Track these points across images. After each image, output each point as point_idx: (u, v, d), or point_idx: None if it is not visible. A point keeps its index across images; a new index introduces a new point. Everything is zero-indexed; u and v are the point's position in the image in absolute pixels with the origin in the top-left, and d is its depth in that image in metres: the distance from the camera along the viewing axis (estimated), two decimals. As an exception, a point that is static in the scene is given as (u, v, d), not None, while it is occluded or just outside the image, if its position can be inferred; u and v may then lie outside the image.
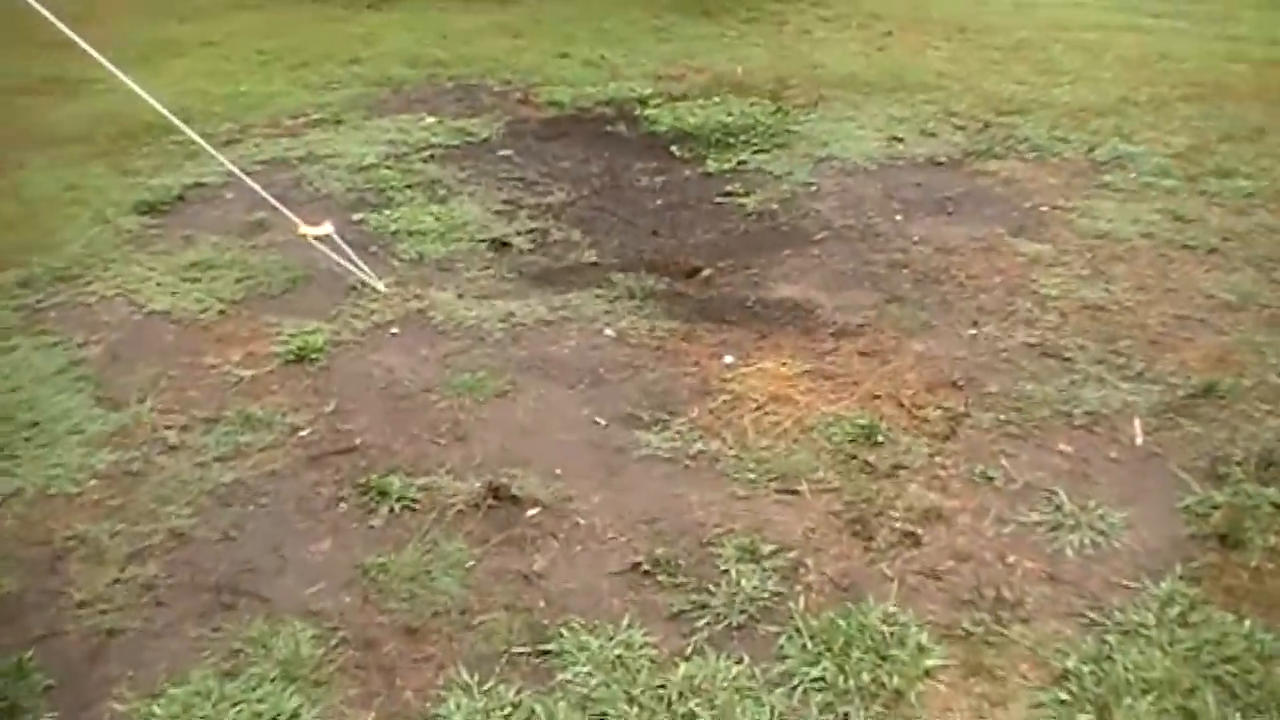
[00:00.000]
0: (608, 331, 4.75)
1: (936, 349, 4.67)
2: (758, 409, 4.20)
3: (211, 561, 3.53)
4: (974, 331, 4.83)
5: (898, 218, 6.07)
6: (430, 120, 7.46)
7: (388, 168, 6.62)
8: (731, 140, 7.16)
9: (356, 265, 4.96)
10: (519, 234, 5.87)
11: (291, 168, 6.69)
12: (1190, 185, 6.54)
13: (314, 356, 4.54)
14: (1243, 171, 6.67)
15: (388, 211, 6.03)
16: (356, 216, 5.97)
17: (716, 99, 7.89)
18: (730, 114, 7.55)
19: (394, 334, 4.74)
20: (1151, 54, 9.25)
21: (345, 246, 4.98)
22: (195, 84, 8.38)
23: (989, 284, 5.26)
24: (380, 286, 5.00)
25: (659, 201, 6.42)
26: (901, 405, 4.26)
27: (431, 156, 6.86)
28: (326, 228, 4.90)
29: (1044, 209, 6.18)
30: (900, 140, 7.22)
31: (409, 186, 6.40)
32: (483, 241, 5.75)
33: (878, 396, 4.32)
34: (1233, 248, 5.72)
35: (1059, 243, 5.71)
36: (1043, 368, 4.53)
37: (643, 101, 7.88)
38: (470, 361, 4.52)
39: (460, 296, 5.06)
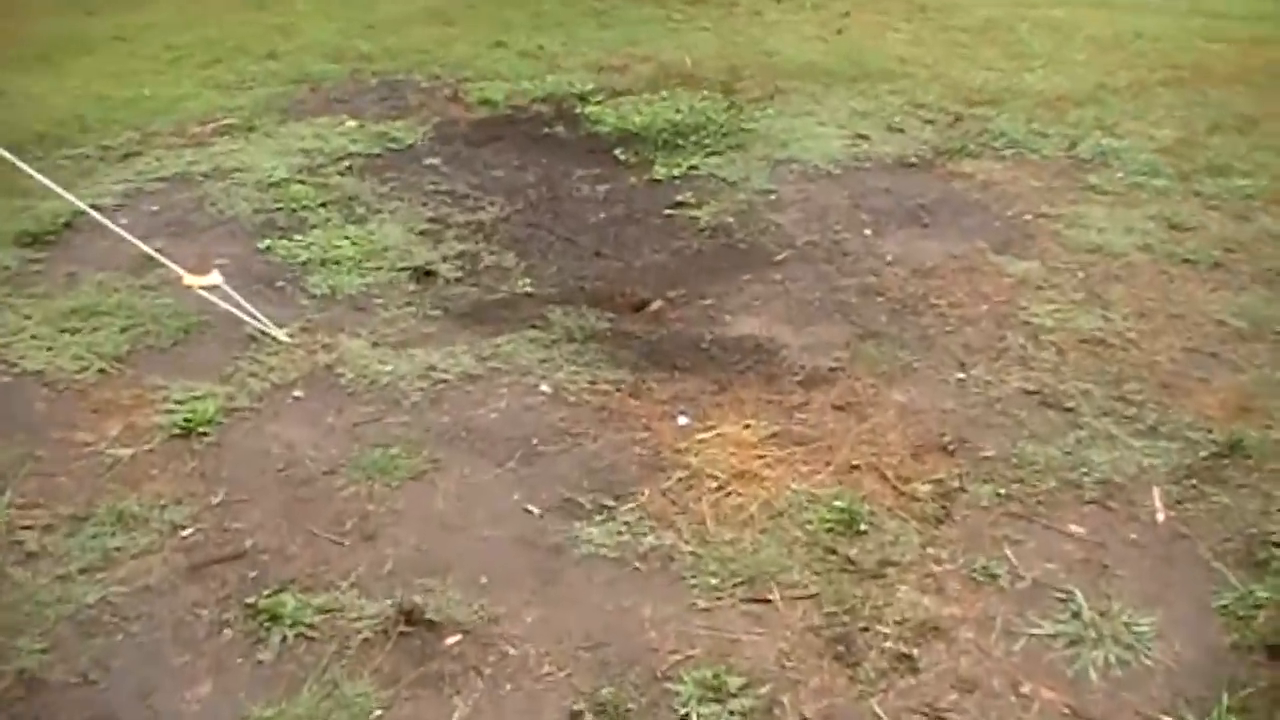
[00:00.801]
0: (544, 387, 4.11)
1: (920, 399, 4.07)
2: (718, 488, 3.59)
3: (66, 715, 2.86)
4: (962, 375, 4.24)
5: (867, 232, 5.46)
6: (351, 124, 6.76)
7: (301, 182, 5.93)
8: (681, 142, 6.50)
9: (254, 316, 4.26)
10: (446, 260, 5.21)
11: (195, 185, 5.98)
12: (1183, 185, 5.99)
13: (203, 430, 3.88)
14: (1238, 168, 6.12)
15: (299, 236, 5.35)
16: (263, 243, 5.28)
17: (663, 93, 7.23)
18: (679, 111, 6.89)
19: (296, 397, 4.08)
20: (1125, 33, 8.68)
21: (237, 296, 4.28)
22: (98, 87, 7.63)
23: (974, 313, 4.66)
24: (282, 336, 4.32)
25: (602, 215, 5.78)
26: (885, 478, 3.66)
27: (350, 168, 6.17)
28: (214, 277, 4.22)
29: (1027, 218, 5.59)
30: (865, 138, 6.60)
31: (324, 204, 5.71)
32: (404, 270, 5.09)
33: (857, 466, 3.72)
34: (1237, 261, 5.16)
35: (1048, 259, 5.13)
36: (1043, 422, 3.94)
37: (583, 98, 7.21)
38: (383, 433, 3.86)
39: (375, 345, 4.40)
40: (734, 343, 4.50)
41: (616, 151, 6.47)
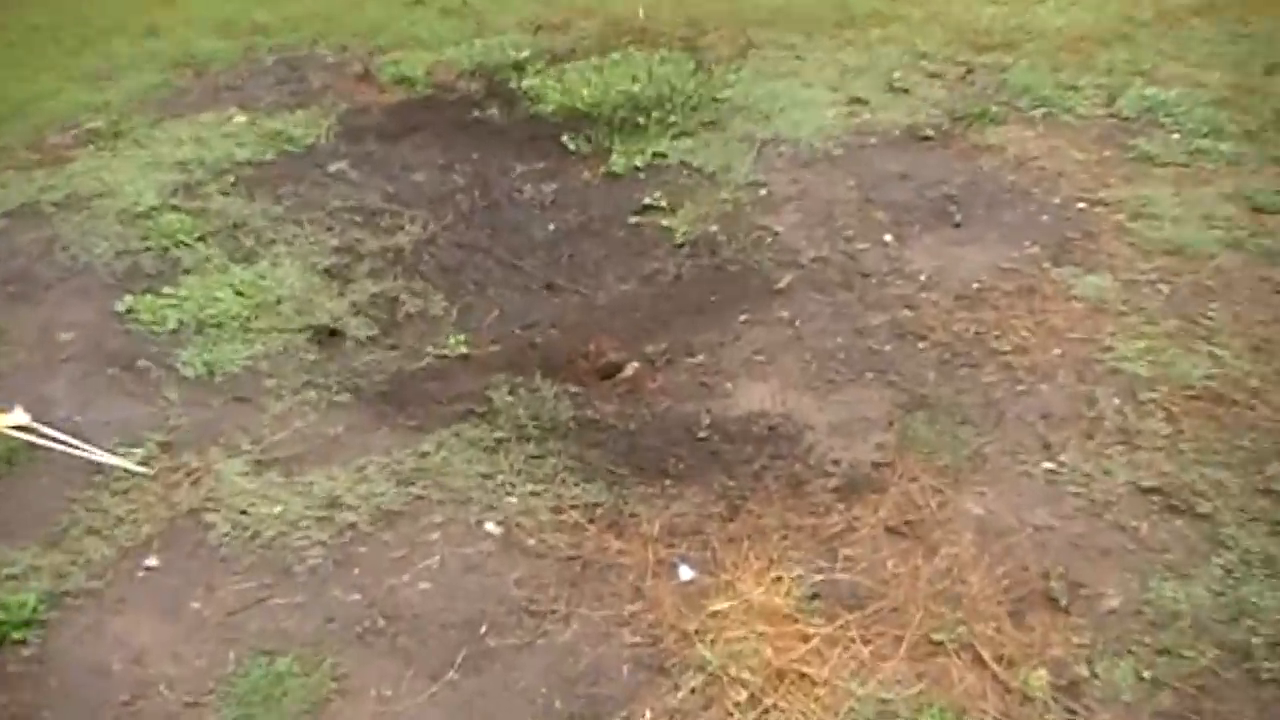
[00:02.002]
0: (490, 526, 2.98)
1: (1002, 509, 2.98)
2: (750, 701, 2.46)
3: None
4: (1051, 464, 3.14)
5: (887, 238, 4.31)
6: (240, 120, 5.51)
7: (175, 209, 4.71)
8: (641, 120, 5.29)
9: (86, 450, 3.07)
10: (356, 310, 4.04)
11: (44, 221, 4.76)
12: (1255, 148, 4.91)
13: (18, 637, 2.69)
14: (1316, 120, 4.97)
15: (169, 290, 4.15)
16: (123, 304, 4.10)
17: (614, 56, 6.00)
18: (635, 79, 5.66)
19: (150, 568, 2.92)
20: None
21: (56, 433, 3.07)
22: (-72, 83, 6.26)
23: (1047, 361, 3.56)
24: (133, 467, 3.12)
25: (551, 227, 4.60)
26: (981, 661, 2.55)
27: (236, 183, 4.93)
28: (18, 415, 3.01)
29: (1080, 206, 4.46)
30: (863, 103, 5.42)
31: (203, 238, 4.50)
32: (303, 331, 3.88)
33: (938, 644, 2.60)
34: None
35: (1119, 269, 4.02)
36: (1175, 539, 2.89)
37: (519, 67, 5.97)
38: (269, 628, 2.73)
39: (260, 466, 3.23)
40: (740, 428, 3.36)
41: (564, 138, 5.26)
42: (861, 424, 3.39)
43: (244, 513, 3.08)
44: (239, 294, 4.20)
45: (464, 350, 3.88)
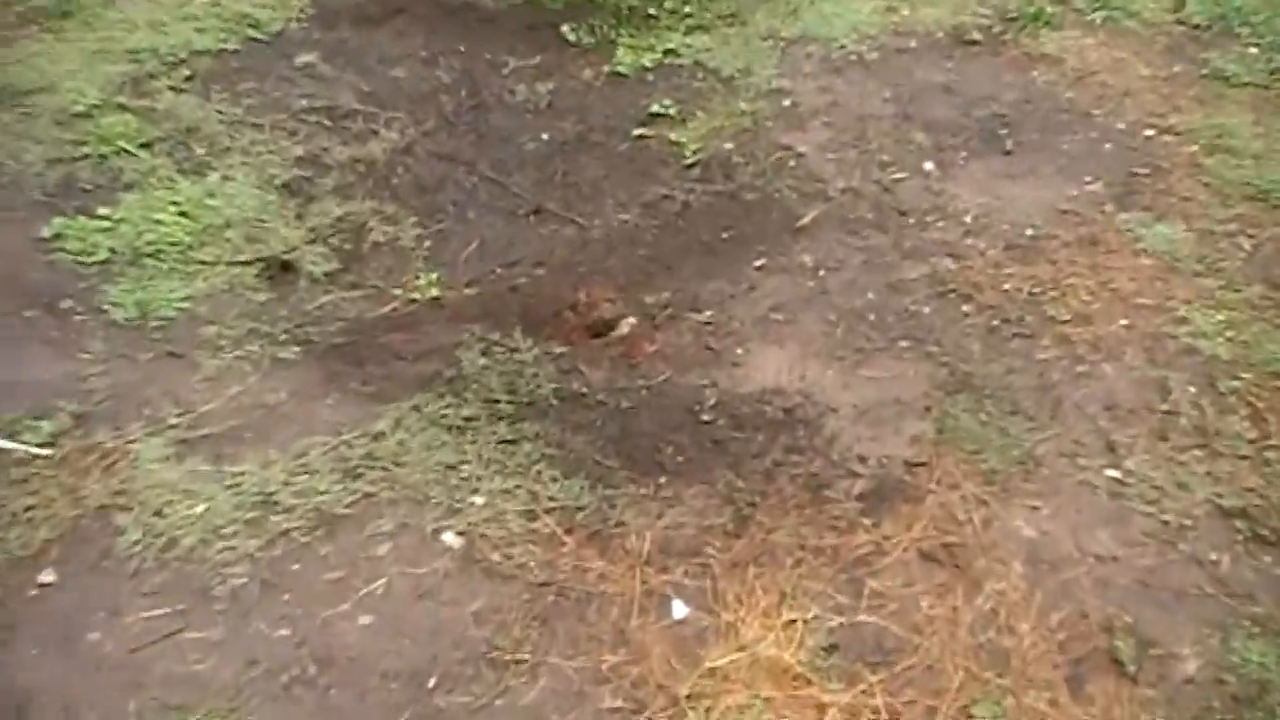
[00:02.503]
0: (449, 538, 2.52)
1: (1058, 532, 2.52)
2: None
3: None
4: (1115, 471, 2.66)
5: (928, 165, 3.75)
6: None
7: (121, 108, 4.13)
8: (652, 10, 4.69)
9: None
10: (314, 238, 3.52)
11: (-31, 118, 4.13)
12: (1350, 66, 4.20)
13: None
14: None
15: (104, 211, 3.62)
16: (48, 229, 3.54)
17: (626, -70, 5.24)
18: (648, -44, 4.96)
19: (44, 585, 2.42)
20: None
21: None
22: None
23: (1111, 334, 3.03)
24: (35, 450, 2.62)
25: (545, 136, 4.04)
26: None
27: (192, 77, 4.31)
28: None
29: (1148, 133, 3.87)
30: (902, -2, 4.74)
31: (149, 145, 3.95)
32: (252, 264, 3.36)
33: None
34: None
35: (1194, 216, 3.47)
36: (1263, 584, 2.40)
37: (517, -59, 5.24)
38: (173, 677, 2.27)
39: (184, 448, 2.71)
40: (750, 409, 2.86)
41: (564, 28, 4.65)
42: (894, 408, 2.88)
43: (160, 514, 2.59)
44: (183, 215, 3.66)
45: (435, 292, 3.37)
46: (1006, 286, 3.26)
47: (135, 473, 2.70)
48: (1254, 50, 4.39)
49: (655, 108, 4.17)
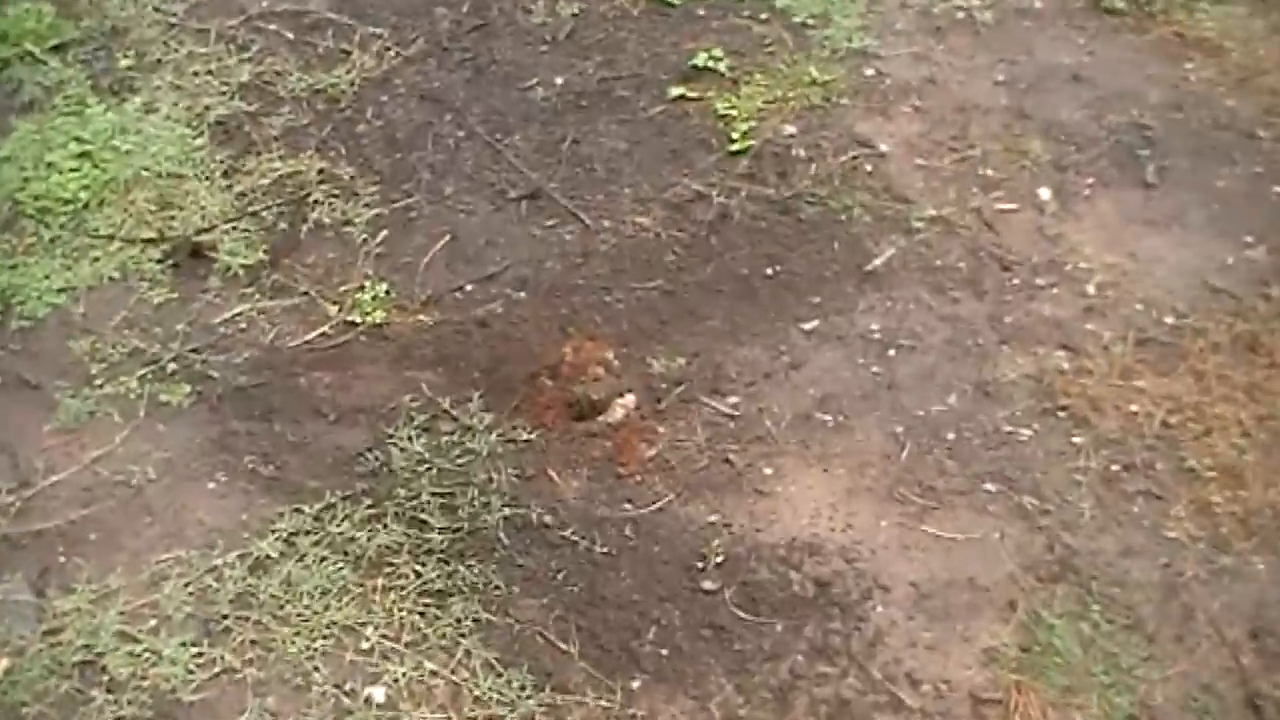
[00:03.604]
0: (373, 692, 1.70)
1: None
2: None
3: None
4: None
5: (1044, 193, 2.90)
6: None
7: None
8: (720, -83, 3.70)
9: None
10: (241, 212, 2.77)
11: None
12: None
13: None
14: None
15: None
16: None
17: None
18: None
19: None
20: None
21: None
22: None
23: (1269, 504, 2.18)
24: None
25: (559, 82, 3.25)
26: None
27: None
28: None
29: (1334, 175, 2.94)
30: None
31: (62, 49, 3.16)
32: (157, 244, 2.55)
33: None
34: None
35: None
36: None
37: None
38: None
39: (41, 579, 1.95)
40: (772, 572, 2.20)
41: (599, -72, 3.68)
42: (966, 596, 2.11)
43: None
44: (83, 158, 2.83)
45: (379, 315, 2.59)
46: (1134, 408, 2.42)
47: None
48: None
49: (702, 58, 3.33)
